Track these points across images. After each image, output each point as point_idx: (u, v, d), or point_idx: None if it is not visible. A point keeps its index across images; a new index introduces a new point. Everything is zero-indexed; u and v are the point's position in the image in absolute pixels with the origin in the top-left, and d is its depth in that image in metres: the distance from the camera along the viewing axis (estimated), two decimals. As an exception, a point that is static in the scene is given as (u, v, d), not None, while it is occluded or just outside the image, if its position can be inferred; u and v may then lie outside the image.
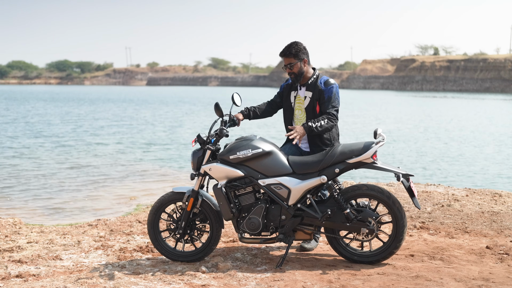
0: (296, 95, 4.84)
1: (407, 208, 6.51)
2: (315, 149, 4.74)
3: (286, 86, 4.93)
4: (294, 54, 4.70)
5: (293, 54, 4.70)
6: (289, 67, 4.72)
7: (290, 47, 4.71)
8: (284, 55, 4.73)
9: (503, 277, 4.21)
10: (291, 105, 4.86)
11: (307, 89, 4.75)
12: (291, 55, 4.70)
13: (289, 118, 4.91)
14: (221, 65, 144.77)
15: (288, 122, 4.93)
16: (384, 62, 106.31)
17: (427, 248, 4.98)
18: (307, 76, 4.78)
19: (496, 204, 6.78)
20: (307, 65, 4.77)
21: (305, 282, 4.13)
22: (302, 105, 4.79)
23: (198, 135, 4.68)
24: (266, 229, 4.56)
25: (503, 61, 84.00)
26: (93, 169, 12.76)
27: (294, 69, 4.71)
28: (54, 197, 9.58)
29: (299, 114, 4.84)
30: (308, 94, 4.74)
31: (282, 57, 4.78)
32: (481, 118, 31.46)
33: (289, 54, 4.70)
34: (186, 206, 4.63)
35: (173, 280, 4.18)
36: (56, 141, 18.79)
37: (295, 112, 4.86)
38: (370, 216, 4.49)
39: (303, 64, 4.73)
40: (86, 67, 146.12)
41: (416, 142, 19.54)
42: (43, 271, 4.46)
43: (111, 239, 5.54)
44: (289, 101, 4.87)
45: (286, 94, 4.90)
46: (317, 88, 4.71)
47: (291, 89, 4.88)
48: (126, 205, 8.71)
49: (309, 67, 4.80)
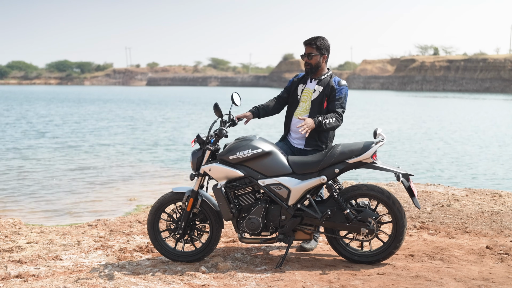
0: (304, 88, 4.84)
1: (407, 208, 6.51)
2: (311, 143, 4.74)
3: (296, 80, 4.94)
4: (317, 46, 4.72)
5: (317, 46, 4.72)
6: (308, 56, 4.74)
7: (317, 39, 4.73)
8: (309, 44, 4.74)
9: (503, 277, 4.21)
10: (297, 97, 4.86)
11: (318, 83, 4.77)
12: (315, 45, 4.72)
13: (293, 109, 4.87)
14: (221, 65, 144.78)
15: (291, 112, 4.87)
16: (384, 62, 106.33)
17: (427, 248, 4.98)
18: (321, 72, 4.81)
19: (496, 204, 6.78)
20: (324, 63, 4.80)
21: (305, 282, 4.13)
22: (308, 97, 4.79)
23: (198, 135, 4.68)
24: (266, 229, 4.56)
25: (503, 61, 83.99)
26: (93, 170, 12.76)
27: (312, 60, 4.74)
28: (54, 197, 9.58)
29: (303, 106, 4.82)
30: (318, 88, 4.76)
31: (305, 45, 4.78)
32: (484, 119, 31.45)
33: (313, 44, 4.73)
34: (186, 206, 4.63)
35: (173, 280, 4.18)
36: (57, 142, 18.79)
37: (300, 104, 4.84)
38: (370, 216, 4.49)
39: (322, 59, 4.76)
40: (86, 67, 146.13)
41: (419, 143, 19.52)
42: (43, 271, 4.46)
43: (111, 239, 5.54)
44: (296, 93, 4.87)
45: (294, 87, 4.91)
46: (329, 84, 4.74)
47: (300, 82, 4.89)
48: (126, 205, 8.71)
49: (325, 65, 4.84)
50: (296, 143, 4.84)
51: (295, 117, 4.82)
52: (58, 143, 18.26)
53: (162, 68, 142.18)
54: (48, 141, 18.83)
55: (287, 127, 4.92)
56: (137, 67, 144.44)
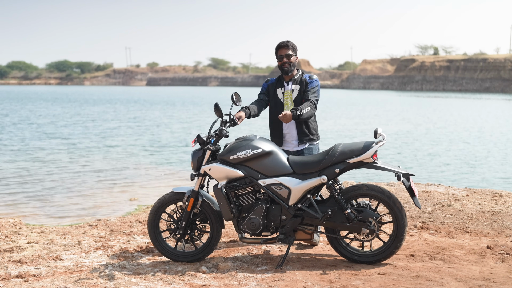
0: (284, 91, 5.08)
1: (408, 208, 6.51)
2: (303, 139, 4.96)
3: (271, 85, 5.17)
4: (292, 47, 5.05)
5: (292, 47, 5.05)
6: (286, 57, 5.00)
7: (289, 41, 5.08)
8: (285, 46, 5.04)
9: (504, 277, 4.21)
10: (280, 100, 5.07)
11: (294, 83, 5.07)
12: (290, 47, 5.04)
13: (278, 114, 5.00)
14: (221, 65, 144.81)
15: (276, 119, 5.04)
16: (384, 62, 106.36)
17: (428, 248, 4.98)
18: (293, 73, 5.09)
19: (497, 204, 6.78)
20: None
21: (306, 282, 4.13)
22: (289, 99, 5.04)
23: (198, 135, 4.69)
24: (267, 229, 4.56)
25: (503, 61, 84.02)
26: (93, 170, 12.76)
27: (292, 59, 5.02)
28: (54, 197, 9.57)
29: (287, 108, 5.02)
30: (296, 87, 5.06)
31: (280, 48, 5.04)
32: (488, 118, 31.44)
33: (289, 46, 5.04)
34: (186, 206, 4.63)
35: (174, 280, 4.18)
36: (57, 142, 18.79)
37: (284, 107, 5.05)
38: (371, 216, 4.49)
39: (295, 59, 5.08)
40: (86, 67, 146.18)
41: (421, 143, 19.52)
42: (43, 272, 4.46)
43: (112, 239, 5.54)
44: (277, 97, 5.10)
45: (273, 92, 5.12)
46: (303, 81, 5.06)
47: (277, 86, 5.12)
48: (127, 205, 8.71)
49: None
50: (291, 146, 5.00)
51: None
52: (59, 144, 18.25)
53: (162, 68, 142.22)
54: (49, 142, 18.82)
55: (277, 133, 5.05)
56: (137, 67, 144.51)
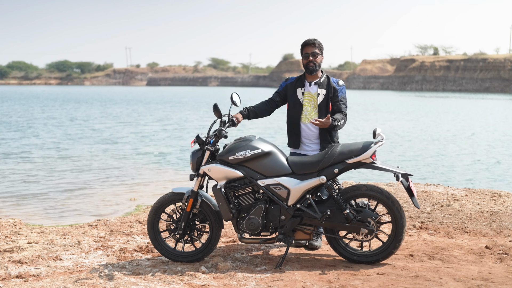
0: (304, 91, 4.92)
1: (407, 208, 6.51)
2: (325, 146, 4.86)
3: (290, 85, 5.01)
4: (319, 46, 4.88)
5: (318, 46, 4.88)
6: (312, 55, 4.84)
7: (316, 39, 4.90)
8: (312, 44, 4.87)
9: (502, 277, 4.22)
10: (300, 100, 4.93)
11: (320, 87, 4.89)
12: (317, 45, 4.87)
13: (297, 115, 4.94)
14: (221, 65, 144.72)
15: (296, 118, 4.94)
16: (384, 62, 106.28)
17: (427, 248, 4.99)
18: (317, 74, 4.93)
19: (496, 204, 6.79)
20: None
21: (305, 282, 4.14)
22: (312, 101, 4.89)
23: (197, 135, 4.69)
24: (266, 229, 4.57)
25: (503, 61, 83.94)
26: (93, 170, 12.77)
27: (317, 58, 4.86)
28: (54, 197, 9.59)
29: (309, 110, 4.91)
30: (321, 91, 4.88)
31: (306, 46, 4.88)
32: (488, 119, 31.43)
33: (316, 44, 4.88)
34: (186, 206, 4.64)
35: (173, 281, 4.19)
36: (57, 143, 18.80)
37: (304, 108, 4.92)
38: (370, 216, 4.50)
39: (321, 59, 4.91)
40: (86, 67, 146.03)
41: (421, 143, 19.53)
42: (43, 272, 4.47)
43: (111, 240, 5.55)
44: (297, 97, 4.94)
45: (292, 91, 4.97)
46: (331, 86, 4.88)
47: (297, 86, 4.96)
48: (126, 206, 8.72)
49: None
50: (310, 149, 4.92)
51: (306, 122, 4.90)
52: (59, 144, 18.25)
53: (162, 68, 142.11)
54: (49, 142, 18.83)
55: (295, 133, 4.96)
56: (137, 67, 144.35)
